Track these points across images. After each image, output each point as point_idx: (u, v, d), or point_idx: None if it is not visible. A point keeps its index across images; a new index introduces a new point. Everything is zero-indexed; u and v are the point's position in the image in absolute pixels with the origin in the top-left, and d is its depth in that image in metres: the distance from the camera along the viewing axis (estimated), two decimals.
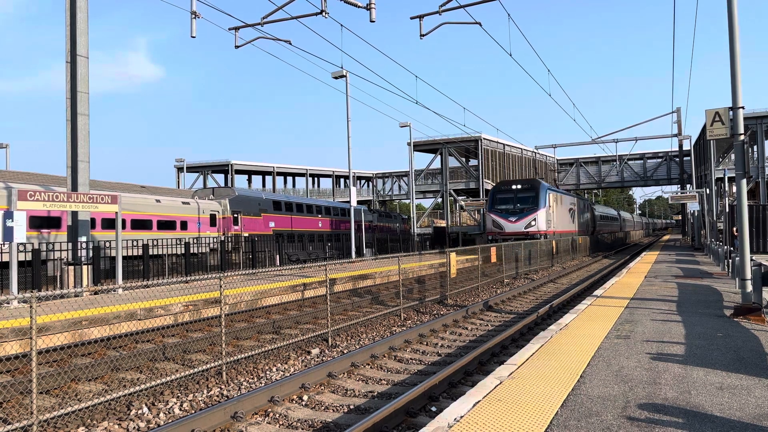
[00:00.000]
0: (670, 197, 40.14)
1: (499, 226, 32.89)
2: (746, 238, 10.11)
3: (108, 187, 27.03)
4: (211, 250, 25.78)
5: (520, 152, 57.55)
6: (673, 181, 58.49)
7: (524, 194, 32.92)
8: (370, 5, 15.91)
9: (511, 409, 4.90)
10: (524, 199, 32.89)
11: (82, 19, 16.26)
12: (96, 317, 10.85)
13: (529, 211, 32.26)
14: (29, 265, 15.45)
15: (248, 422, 6.29)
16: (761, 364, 6.32)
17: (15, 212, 12.61)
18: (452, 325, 12.26)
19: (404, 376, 8.33)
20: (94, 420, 6.45)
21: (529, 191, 32.93)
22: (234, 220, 30.85)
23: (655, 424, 4.45)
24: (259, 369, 8.65)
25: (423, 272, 21.42)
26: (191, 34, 17.31)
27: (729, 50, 10.05)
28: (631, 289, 13.53)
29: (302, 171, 65.89)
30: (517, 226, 32.35)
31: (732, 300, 11.36)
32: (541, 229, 31.98)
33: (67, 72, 16.22)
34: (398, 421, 6.12)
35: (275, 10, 17.59)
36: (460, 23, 18.16)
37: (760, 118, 40.74)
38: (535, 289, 19.54)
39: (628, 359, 6.60)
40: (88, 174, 16.30)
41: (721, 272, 18.32)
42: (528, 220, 32.14)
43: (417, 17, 17.75)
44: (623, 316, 9.70)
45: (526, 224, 32.14)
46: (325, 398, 7.19)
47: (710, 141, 32.33)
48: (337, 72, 25.98)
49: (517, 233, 31.96)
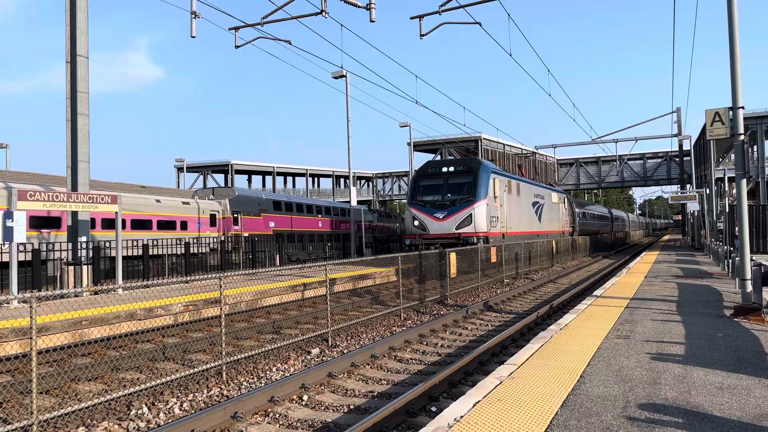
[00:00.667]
0: (670, 197, 40.18)
1: (422, 225, 23.36)
2: (746, 238, 10.11)
3: (108, 187, 27.03)
4: (211, 250, 25.79)
5: (520, 152, 57.55)
6: (673, 181, 58.52)
7: (457, 179, 23.55)
8: (370, 5, 15.91)
9: (511, 409, 4.90)
10: (457, 187, 23.44)
11: (82, 19, 16.25)
12: (96, 317, 10.85)
13: (464, 203, 22.77)
14: (29, 265, 15.45)
15: (248, 422, 6.29)
16: (761, 364, 6.32)
17: (15, 212, 12.61)
18: (452, 325, 12.26)
19: (404, 376, 8.33)
20: (94, 420, 6.45)
21: (464, 175, 23.52)
22: (234, 220, 30.86)
23: (655, 424, 4.45)
24: (259, 369, 8.65)
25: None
26: (191, 34, 17.31)
27: (729, 50, 10.04)
28: (631, 289, 13.53)
29: (302, 171, 65.91)
30: (446, 225, 22.86)
31: (732, 300, 11.36)
32: (481, 230, 22.48)
33: (67, 72, 16.22)
34: (398, 421, 6.12)
35: (275, 10, 17.59)
36: (460, 23, 18.16)
37: (760, 118, 40.76)
38: (535, 289, 19.54)
39: (628, 359, 6.60)
40: (88, 174, 16.30)
41: (721, 272, 18.31)
42: (461, 216, 22.66)
43: (417, 17, 17.75)
44: (623, 316, 9.70)
45: (458, 222, 22.64)
46: (325, 398, 7.19)
47: (710, 141, 32.32)
48: (337, 72, 25.98)
49: (445, 236, 22.84)
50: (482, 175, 23.27)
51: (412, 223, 23.72)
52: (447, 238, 22.59)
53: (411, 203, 24.19)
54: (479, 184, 23.02)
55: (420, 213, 23.54)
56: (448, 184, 23.70)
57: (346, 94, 26.77)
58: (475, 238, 22.09)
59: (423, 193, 24.01)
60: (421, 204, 23.73)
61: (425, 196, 23.85)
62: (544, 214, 31.89)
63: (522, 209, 28.06)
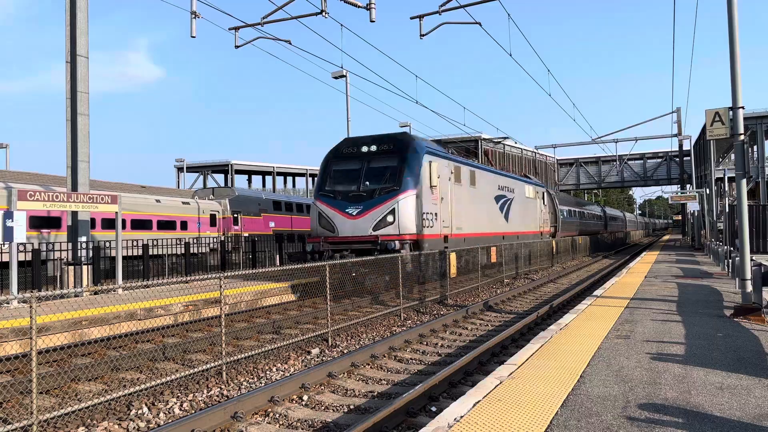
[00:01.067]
0: (670, 197, 40.21)
1: (330, 224, 17.15)
2: (746, 238, 10.12)
3: (108, 187, 27.03)
4: (211, 250, 25.81)
5: (520, 152, 57.56)
6: (673, 181, 58.57)
7: (380, 162, 17.49)
8: (370, 5, 15.92)
9: (511, 409, 4.90)
10: (379, 173, 17.30)
11: (82, 19, 16.26)
12: (96, 317, 10.86)
13: (385, 194, 16.72)
14: (29, 265, 15.46)
15: (248, 422, 6.29)
16: (761, 364, 6.32)
17: (15, 212, 12.61)
18: (452, 325, 12.26)
19: (404, 376, 8.33)
20: (94, 420, 6.45)
21: (388, 156, 17.46)
22: (234, 220, 30.87)
23: (655, 424, 4.45)
24: (259, 369, 8.65)
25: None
26: (191, 34, 17.31)
27: (729, 50, 10.05)
28: (631, 289, 13.53)
29: (302, 171, 65.89)
30: (360, 224, 16.73)
31: (732, 300, 11.36)
32: (408, 231, 16.37)
33: (67, 72, 16.23)
34: (398, 421, 6.12)
35: (275, 10, 17.59)
36: (460, 23, 18.17)
37: (760, 118, 40.76)
38: (535, 289, 19.54)
39: (628, 359, 6.60)
40: (88, 174, 16.31)
41: (721, 272, 18.32)
42: (379, 212, 16.56)
43: (417, 17, 17.76)
44: (623, 316, 9.70)
45: (376, 221, 16.54)
46: (325, 398, 7.18)
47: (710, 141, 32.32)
48: (337, 72, 25.99)
49: (358, 239, 16.72)
50: (411, 157, 16.96)
51: (317, 221, 17.39)
52: (361, 243, 16.46)
53: (317, 194, 17.70)
54: (407, 169, 16.71)
55: (328, 208, 17.15)
56: (368, 168, 17.37)
57: (346, 94, 26.78)
58: (397, 243, 15.83)
59: (334, 180, 17.73)
60: (330, 196, 17.33)
61: (337, 185, 17.56)
62: (513, 211, 26.24)
63: (479, 204, 21.97)
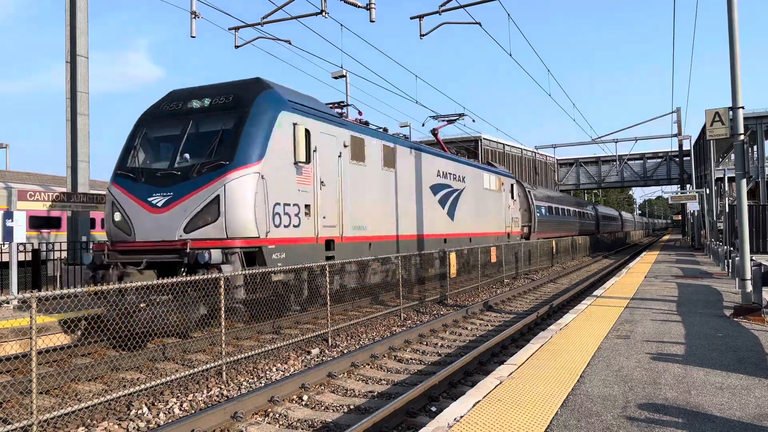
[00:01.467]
0: (670, 197, 40.16)
1: (125, 222, 10.60)
2: (746, 238, 10.12)
3: None
4: None
5: (520, 152, 57.54)
6: (673, 181, 58.50)
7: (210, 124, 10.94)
8: (370, 5, 15.90)
9: (511, 409, 4.90)
10: (205, 141, 10.80)
11: (82, 19, 16.26)
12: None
13: (208, 174, 10.13)
14: (29, 265, 15.45)
15: (248, 422, 6.29)
16: (761, 364, 6.32)
17: (15, 212, 12.61)
18: (452, 325, 12.26)
19: (404, 376, 8.33)
20: (94, 420, 6.46)
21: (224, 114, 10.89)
22: None
23: (655, 424, 4.45)
24: (259, 369, 8.65)
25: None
26: (191, 34, 17.28)
27: (729, 50, 10.05)
28: (631, 289, 13.53)
29: None
30: (165, 222, 10.14)
31: (732, 300, 11.36)
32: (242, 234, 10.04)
33: (67, 72, 16.23)
34: (398, 421, 6.12)
35: (275, 10, 17.58)
36: (460, 23, 18.15)
37: (760, 118, 40.73)
38: (535, 289, 19.54)
39: (628, 359, 6.60)
40: (88, 174, 16.30)
41: (721, 272, 18.32)
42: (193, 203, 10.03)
43: (417, 17, 17.73)
44: (623, 316, 9.70)
45: (190, 217, 9.99)
46: (325, 398, 7.19)
47: (710, 141, 32.30)
48: (337, 72, 25.95)
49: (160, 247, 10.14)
50: (257, 114, 10.78)
51: (111, 218, 10.94)
52: (162, 252, 10.17)
53: (114, 175, 11.27)
54: (246, 133, 10.50)
55: (125, 195, 10.77)
56: (191, 134, 11.03)
57: (346, 94, 26.77)
58: (214, 254, 9.63)
59: (144, 152, 11.43)
60: (131, 177, 10.95)
61: (145, 161, 11.34)
62: (463, 207, 20.56)
63: (400, 195, 16.08)
